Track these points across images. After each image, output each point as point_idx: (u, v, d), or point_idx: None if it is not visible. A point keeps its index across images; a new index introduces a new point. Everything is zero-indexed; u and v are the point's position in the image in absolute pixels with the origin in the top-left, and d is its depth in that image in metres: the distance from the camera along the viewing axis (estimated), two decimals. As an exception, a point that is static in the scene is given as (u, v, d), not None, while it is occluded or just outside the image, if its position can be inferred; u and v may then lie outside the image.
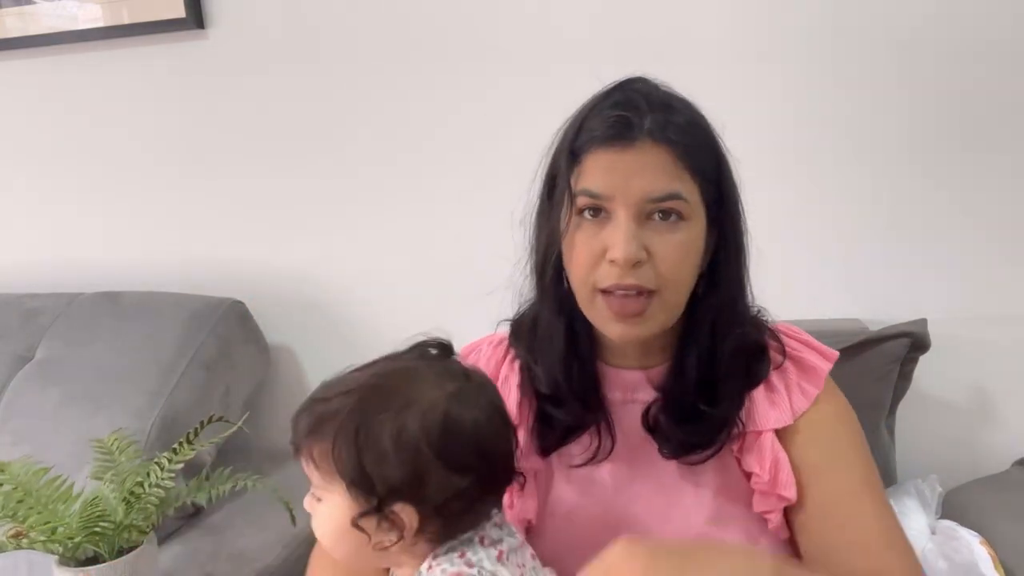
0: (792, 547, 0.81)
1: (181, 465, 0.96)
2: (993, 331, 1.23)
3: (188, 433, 0.97)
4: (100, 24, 1.54)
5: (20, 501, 0.93)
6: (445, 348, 0.74)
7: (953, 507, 1.14)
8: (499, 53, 1.37)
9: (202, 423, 0.97)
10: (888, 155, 1.24)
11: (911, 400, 1.24)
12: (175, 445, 0.97)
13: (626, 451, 0.83)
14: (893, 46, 1.21)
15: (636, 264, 0.73)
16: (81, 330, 1.47)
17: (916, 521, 1.08)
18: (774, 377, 0.81)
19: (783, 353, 0.82)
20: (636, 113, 0.75)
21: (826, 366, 0.82)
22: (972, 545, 1.02)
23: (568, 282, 0.80)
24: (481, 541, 0.70)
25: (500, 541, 0.71)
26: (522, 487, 0.80)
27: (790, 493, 0.77)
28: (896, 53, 1.21)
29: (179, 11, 1.48)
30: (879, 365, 1.18)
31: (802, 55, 1.24)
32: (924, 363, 1.19)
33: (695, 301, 0.79)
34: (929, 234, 1.25)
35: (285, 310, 1.58)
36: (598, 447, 0.82)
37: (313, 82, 1.48)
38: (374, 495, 0.65)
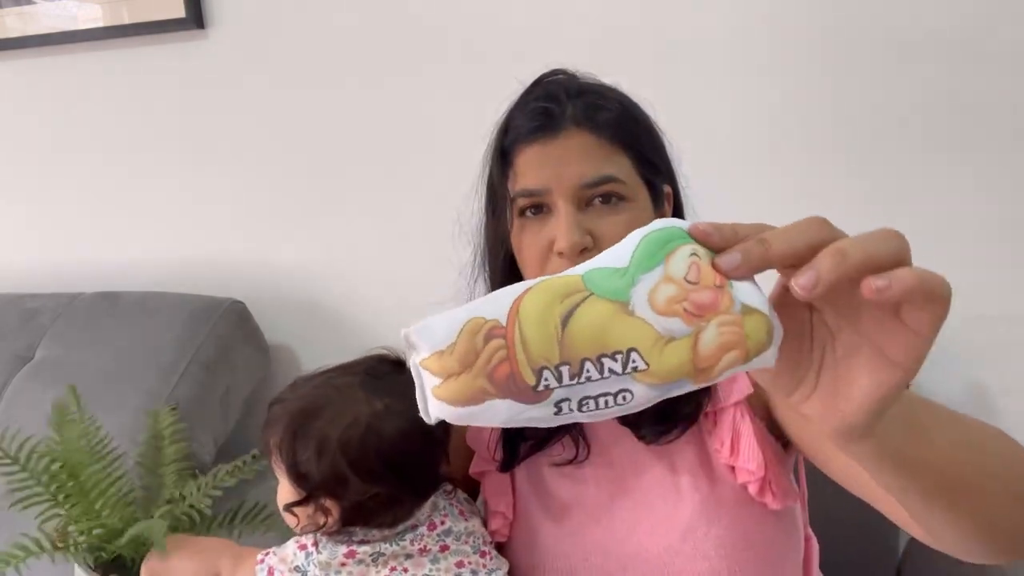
0: (783, 517, 0.80)
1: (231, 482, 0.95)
2: (993, 331, 1.23)
3: (244, 458, 0.96)
4: (100, 24, 1.54)
5: (66, 484, 0.87)
6: (397, 364, 0.82)
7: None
8: (500, 54, 1.37)
9: (254, 455, 0.96)
10: (888, 155, 1.25)
11: (911, 400, 1.23)
12: (228, 467, 0.95)
13: (601, 450, 0.84)
14: (894, 47, 1.21)
15: (583, 251, 0.72)
16: (81, 330, 1.47)
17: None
18: None
19: None
20: (557, 103, 0.76)
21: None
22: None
23: None
24: (360, 540, 0.78)
25: (377, 543, 0.78)
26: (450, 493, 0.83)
27: (752, 465, 0.76)
28: (897, 54, 1.21)
29: (179, 11, 1.48)
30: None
31: (803, 54, 1.24)
32: (924, 362, 1.19)
33: None
34: (929, 233, 1.25)
35: (285, 310, 1.58)
36: (575, 455, 0.83)
37: (313, 82, 1.48)
38: (305, 488, 0.78)
